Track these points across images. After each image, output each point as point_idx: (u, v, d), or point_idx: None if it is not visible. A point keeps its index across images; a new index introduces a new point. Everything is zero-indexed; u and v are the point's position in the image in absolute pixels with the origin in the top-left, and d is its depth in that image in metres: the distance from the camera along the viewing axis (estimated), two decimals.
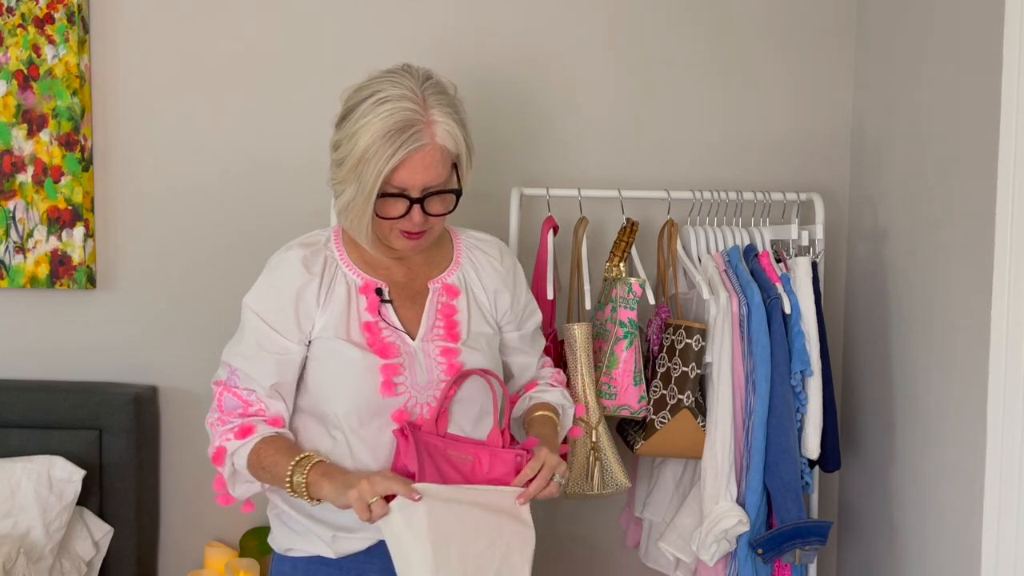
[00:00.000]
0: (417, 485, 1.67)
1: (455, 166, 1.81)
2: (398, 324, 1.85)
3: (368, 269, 1.88)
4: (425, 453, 1.74)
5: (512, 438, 1.89)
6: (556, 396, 2.04)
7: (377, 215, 1.78)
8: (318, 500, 1.73)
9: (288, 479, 1.73)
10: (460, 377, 1.83)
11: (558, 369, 2.14)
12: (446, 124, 1.76)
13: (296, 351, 1.83)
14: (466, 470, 1.76)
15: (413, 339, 1.85)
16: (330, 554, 1.85)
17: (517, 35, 2.66)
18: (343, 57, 2.62)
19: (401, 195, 1.76)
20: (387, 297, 1.86)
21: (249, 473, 1.80)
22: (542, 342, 2.12)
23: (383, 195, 1.76)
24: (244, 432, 1.80)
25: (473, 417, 1.87)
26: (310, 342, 1.85)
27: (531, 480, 1.75)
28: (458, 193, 1.82)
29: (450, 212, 1.83)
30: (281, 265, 1.85)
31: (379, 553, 1.78)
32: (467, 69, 2.61)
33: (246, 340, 1.83)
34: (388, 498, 1.67)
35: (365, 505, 1.64)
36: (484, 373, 1.86)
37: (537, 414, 1.97)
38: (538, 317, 2.07)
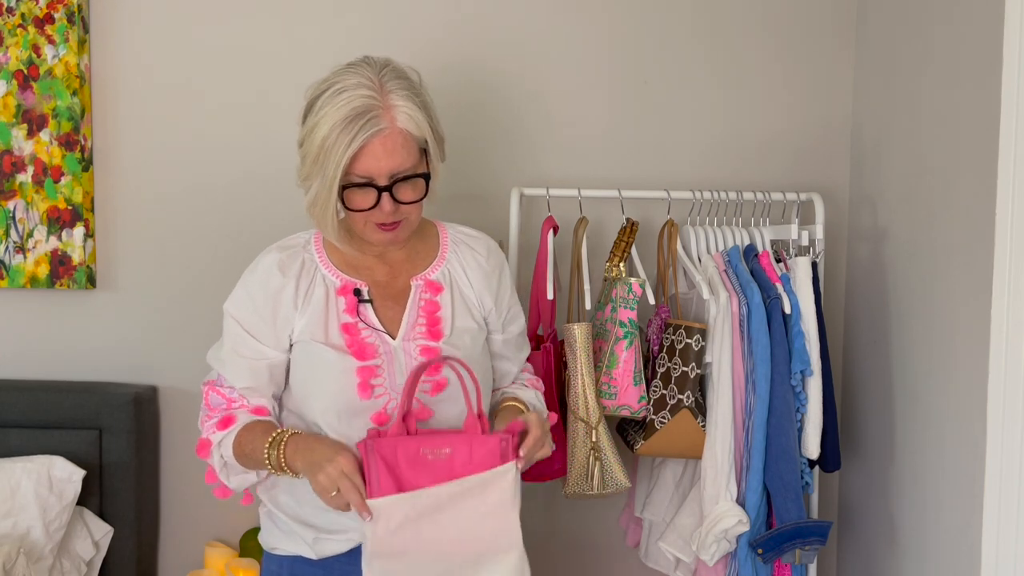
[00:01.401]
0: (371, 501, 1.65)
1: (425, 152, 1.79)
2: (377, 324, 1.83)
3: (349, 270, 1.86)
4: (383, 465, 1.67)
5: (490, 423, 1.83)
6: (530, 396, 1.99)
7: (347, 208, 1.76)
8: (292, 473, 1.74)
9: (267, 460, 1.74)
10: (422, 367, 1.75)
11: (537, 377, 2.08)
12: (406, 107, 1.73)
13: (273, 355, 1.83)
14: (443, 468, 1.69)
15: (394, 339, 1.83)
16: (311, 555, 1.85)
17: (516, 35, 2.66)
18: (342, 58, 2.61)
19: (368, 184, 1.73)
20: (365, 297, 1.84)
21: (237, 463, 1.81)
22: (526, 350, 2.06)
23: (350, 186, 1.74)
24: (226, 423, 1.82)
25: (455, 416, 1.83)
26: (292, 345, 1.84)
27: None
28: (427, 177, 1.78)
29: (422, 199, 1.79)
30: (257, 269, 1.85)
31: (361, 555, 1.76)
32: (467, 69, 2.61)
33: (224, 344, 1.85)
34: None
35: (329, 495, 1.66)
36: (448, 360, 1.77)
37: (505, 404, 1.92)
38: (521, 322, 2.01)
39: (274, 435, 1.74)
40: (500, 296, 1.95)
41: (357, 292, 1.84)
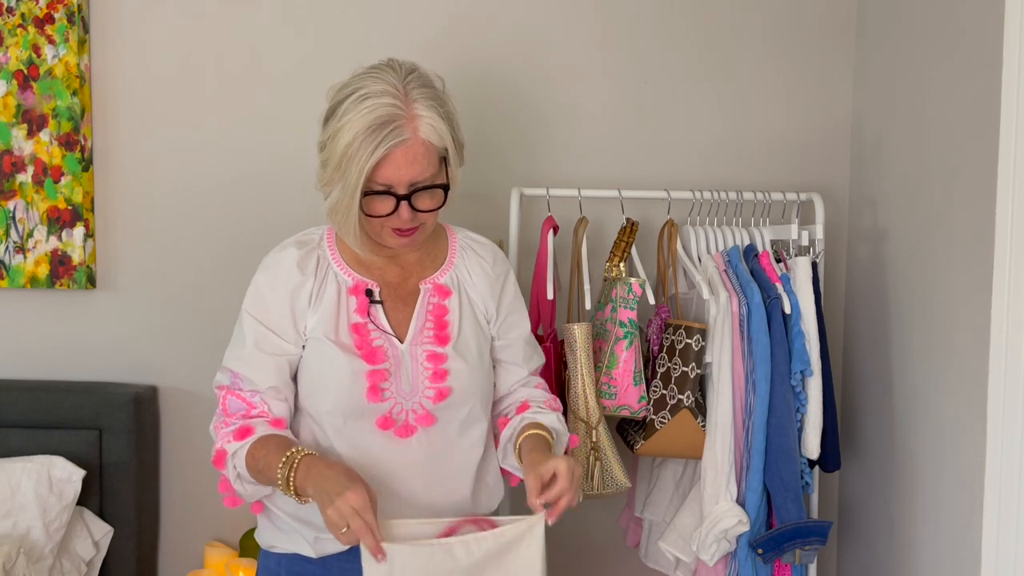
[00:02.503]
0: (387, 546, 1.62)
1: (444, 161, 1.79)
2: (387, 327, 1.83)
3: (360, 269, 1.86)
4: None
5: None
6: (551, 419, 1.92)
7: (366, 214, 1.76)
8: (301, 499, 1.71)
9: (279, 480, 1.70)
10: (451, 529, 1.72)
11: (554, 396, 2.03)
12: (429, 118, 1.73)
13: (294, 352, 1.82)
14: None
15: (402, 342, 1.83)
16: (311, 554, 1.84)
17: (516, 35, 2.66)
18: (342, 57, 2.60)
19: (387, 192, 1.74)
20: (377, 298, 1.84)
21: (250, 475, 1.78)
22: (535, 360, 2.02)
23: (369, 193, 1.74)
24: (243, 433, 1.78)
25: (459, 421, 1.83)
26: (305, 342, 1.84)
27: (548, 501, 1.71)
28: (446, 188, 1.79)
29: (440, 207, 1.80)
30: (275, 267, 1.85)
31: (360, 553, 1.76)
32: (466, 69, 2.61)
33: (246, 344, 1.82)
34: None
35: (339, 531, 1.62)
36: (473, 522, 1.75)
37: (530, 432, 1.86)
38: (523, 329, 1.98)
39: (288, 454, 1.71)
40: (502, 302, 1.94)
41: (369, 293, 1.84)
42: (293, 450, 1.71)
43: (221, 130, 2.67)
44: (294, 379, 1.85)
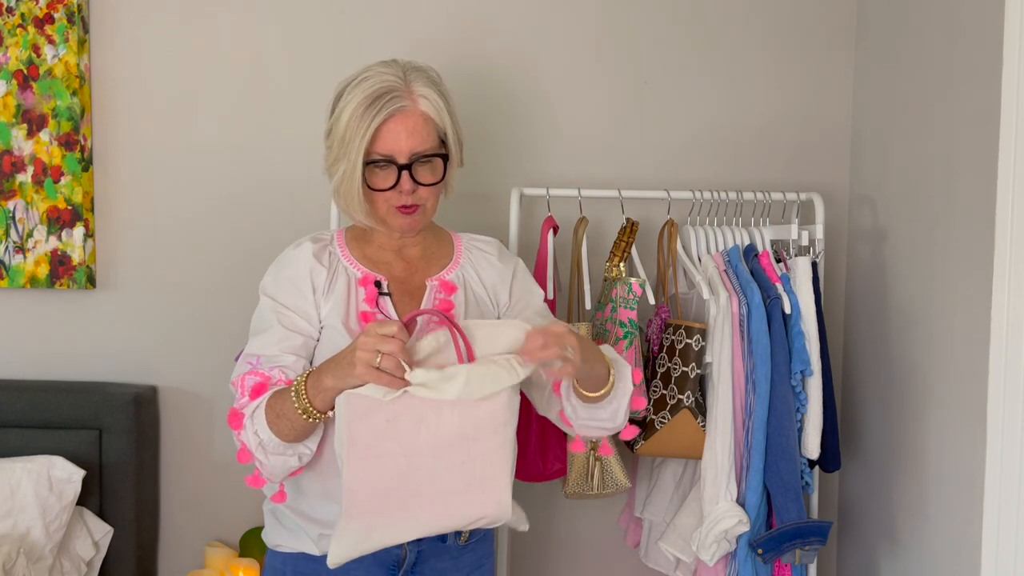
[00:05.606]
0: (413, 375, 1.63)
1: (444, 144, 1.83)
2: (394, 315, 1.86)
3: (369, 264, 1.90)
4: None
5: None
6: (606, 348, 1.89)
7: (369, 187, 1.81)
8: (320, 413, 1.69)
9: (297, 408, 1.69)
10: (415, 314, 1.74)
11: None
12: (427, 93, 1.80)
13: (314, 335, 1.84)
14: None
15: (409, 334, 1.85)
16: (316, 551, 1.85)
17: (516, 35, 2.66)
18: (343, 57, 2.61)
19: (389, 162, 1.79)
20: (385, 290, 1.87)
21: (272, 435, 1.73)
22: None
23: (371, 163, 1.79)
24: (257, 391, 1.76)
25: None
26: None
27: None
28: (445, 158, 1.83)
29: (440, 181, 1.84)
30: (296, 257, 1.88)
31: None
32: (466, 69, 2.61)
33: (272, 328, 1.82)
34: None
35: (374, 372, 1.62)
36: (442, 319, 1.73)
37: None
38: (535, 301, 1.97)
39: (295, 383, 1.71)
40: (513, 288, 1.97)
41: (378, 284, 1.87)
42: (298, 377, 1.72)
43: (221, 130, 2.66)
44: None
